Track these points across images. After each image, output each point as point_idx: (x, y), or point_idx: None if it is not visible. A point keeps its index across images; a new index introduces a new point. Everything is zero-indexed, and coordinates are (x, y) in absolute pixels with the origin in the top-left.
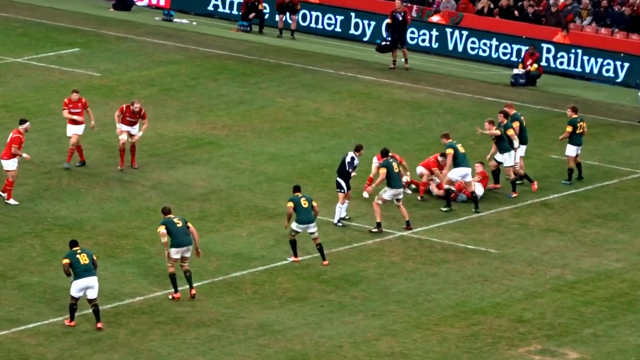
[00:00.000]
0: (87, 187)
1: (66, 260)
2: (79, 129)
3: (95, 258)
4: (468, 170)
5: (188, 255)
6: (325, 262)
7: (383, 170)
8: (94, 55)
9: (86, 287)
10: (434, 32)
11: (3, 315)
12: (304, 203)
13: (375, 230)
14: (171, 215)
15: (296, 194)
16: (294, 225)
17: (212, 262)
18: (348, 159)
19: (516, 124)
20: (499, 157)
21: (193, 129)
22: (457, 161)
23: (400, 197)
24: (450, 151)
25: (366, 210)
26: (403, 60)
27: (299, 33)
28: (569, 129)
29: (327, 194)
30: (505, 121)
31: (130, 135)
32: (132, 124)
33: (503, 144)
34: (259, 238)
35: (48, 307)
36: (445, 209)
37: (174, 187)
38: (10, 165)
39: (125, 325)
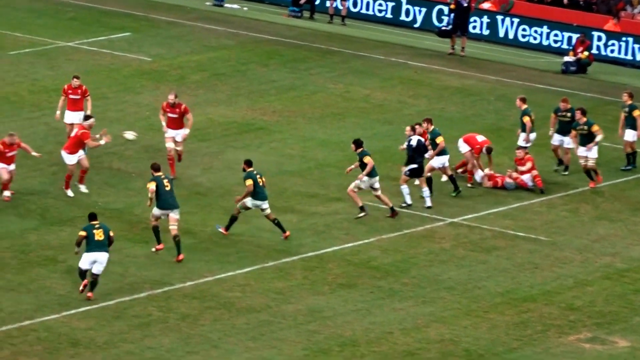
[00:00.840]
0: (138, 171)
1: (83, 233)
2: (76, 117)
3: (111, 235)
4: (447, 157)
5: (175, 217)
6: (286, 234)
7: (368, 159)
8: (144, 39)
9: (94, 260)
10: (485, 19)
11: (53, 299)
12: (260, 180)
13: (361, 215)
14: (161, 174)
15: (250, 169)
16: (248, 202)
17: (262, 248)
18: (413, 143)
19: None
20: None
21: (243, 114)
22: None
23: (376, 185)
24: (441, 139)
25: (417, 197)
26: (460, 47)
27: (350, 19)
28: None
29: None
30: (585, 119)
31: (175, 141)
32: (175, 124)
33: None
34: (309, 224)
35: (98, 291)
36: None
37: (224, 172)
38: (71, 160)
39: (175, 310)
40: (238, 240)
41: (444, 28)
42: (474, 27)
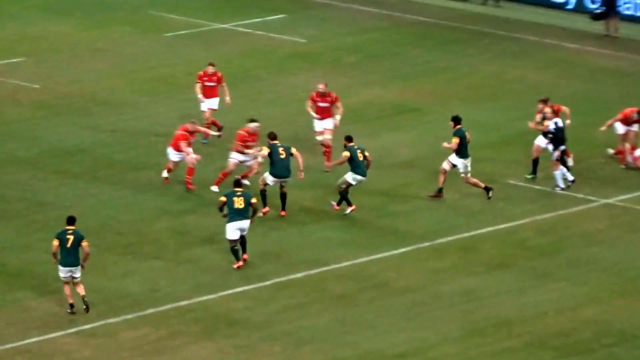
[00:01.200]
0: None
1: (223, 198)
2: (213, 103)
3: (253, 201)
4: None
5: (285, 184)
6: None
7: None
8: (299, 21)
9: (240, 228)
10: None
11: (210, 279)
12: (360, 155)
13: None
14: (277, 142)
15: (351, 144)
16: (349, 178)
17: (417, 228)
18: (560, 124)
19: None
20: None
21: (398, 95)
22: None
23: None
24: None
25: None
26: (613, 28)
27: (504, 1)
28: None
29: (530, 162)
30: None
31: (325, 130)
32: (326, 113)
33: None
34: (464, 204)
35: (255, 272)
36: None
37: (379, 153)
38: (236, 158)
39: (331, 291)
40: (394, 220)
41: (598, 11)
42: (628, 8)
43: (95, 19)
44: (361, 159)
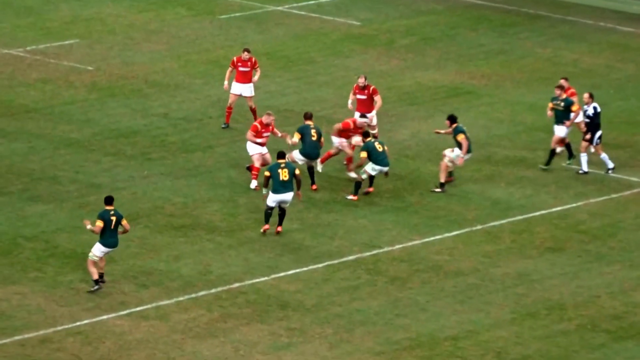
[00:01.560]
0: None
1: (267, 173)
2: (245, 89)
3: (297, 173)
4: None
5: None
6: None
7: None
8: (353, 4)
9: (281, 200)
10: None
11: (263, 262)
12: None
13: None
14: (310, 123)
15: (369, 139)
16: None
17: (470, 211)
18: (591, 111)
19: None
20: None
21: (452, 78)
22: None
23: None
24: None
25: (626, 161)
26: None
27: None
28: None
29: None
30: None
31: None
32: (365, 106)
33: None
34: (518, 187)
35: (307, 255)
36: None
37: (432, 136)
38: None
39: (384, 273)
40: (446, 203)
41: None
42: None
43: (149, 1)
44: (381, 150)
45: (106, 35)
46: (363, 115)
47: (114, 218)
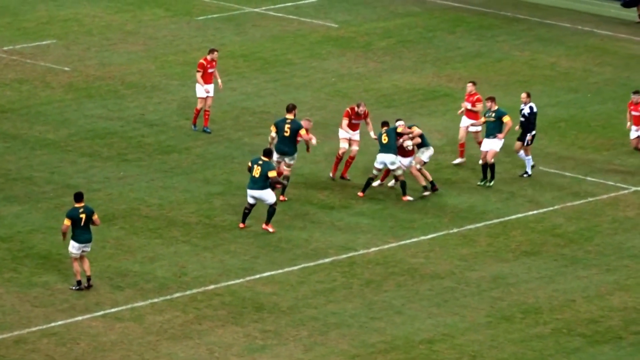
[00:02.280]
0: (323, 138)
1: (249, 163)
2: (210, 90)
3: (270, 174)
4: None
5: (289, 162)
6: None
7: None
8: (331, 6)
9: (253, 196)
10: None
11: (238, 264)
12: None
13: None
14: (289, 117)
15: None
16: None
17: (446, 214)
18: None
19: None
20: None
21: (429, 81)
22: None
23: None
24: (508, 118)
25: (602, 165)
26: None
27: None
28: None
29: (562, 149)
30: None
31: (352, 142)
32: (356, 127)
33: None
34: (494, 191)
35: (283, 256)
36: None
37: None
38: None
39: (359, 276)
40: (422, 206)
41: None
42: None
43: (126, 2)
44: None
45: (83, 36)
46: None
47: (83, 215)
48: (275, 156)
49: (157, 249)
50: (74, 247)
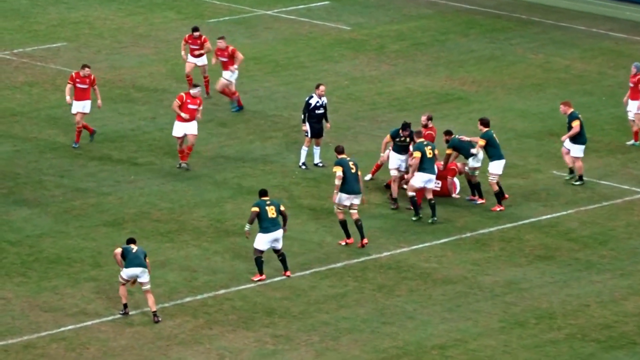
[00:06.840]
0: (334, 141)
1: (255, 209)
2: (84, 106)
3: (283, 209)
4: (432, 176)
5: (357, 202)
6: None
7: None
8: (344, 8)
9: (274, 239)
10: None
11: (249, 268)
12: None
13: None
14: (346, 156)
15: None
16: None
17: (459, 219)
18: (312, 102)
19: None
20: None
21: (442, 84)
22: (423, 165)
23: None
24: (417, 154)
25: (617, 168)
26: None
27: None
28: None
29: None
30: None
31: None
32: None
33: None
34: (508, 195)
35: (295, 261)
36: (414, 218)
37: None
38: None
39: (371, 281)
40: (436, 210)
41: None
42: None
43: (138, 4)
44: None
45: (94, 38)
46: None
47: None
48: (345, 197)
49: (168, 253)
50: (124, 272)
